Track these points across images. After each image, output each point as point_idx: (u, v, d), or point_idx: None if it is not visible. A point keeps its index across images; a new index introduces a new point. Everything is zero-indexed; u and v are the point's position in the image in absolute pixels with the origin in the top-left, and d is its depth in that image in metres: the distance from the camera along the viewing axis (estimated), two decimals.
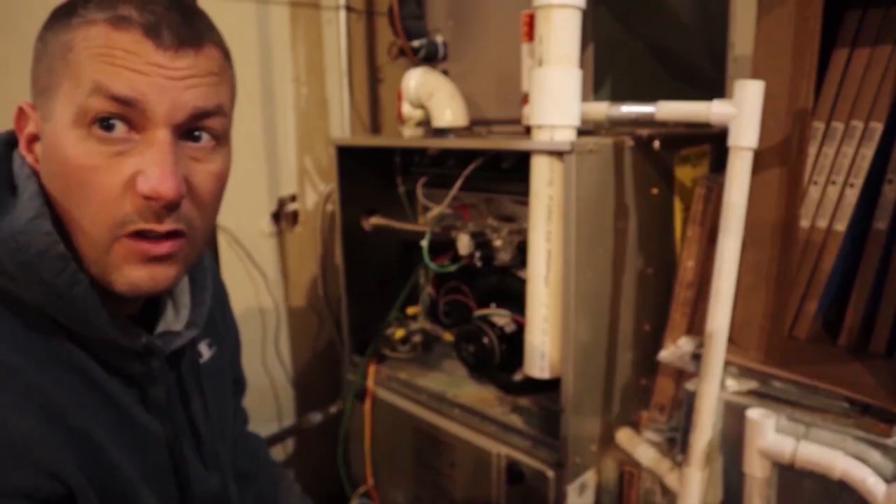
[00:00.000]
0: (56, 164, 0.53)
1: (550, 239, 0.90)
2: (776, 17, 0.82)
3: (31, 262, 0.51)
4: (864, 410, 0.78)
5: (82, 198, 0.52)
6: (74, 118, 0.52)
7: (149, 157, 0.52)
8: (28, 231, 0.51)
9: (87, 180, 0.52)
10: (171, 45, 0.52)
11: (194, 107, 0.54)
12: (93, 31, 0.51)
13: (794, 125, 0.82)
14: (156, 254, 0.54)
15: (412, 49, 1.20)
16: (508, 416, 1.06)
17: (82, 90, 0.51)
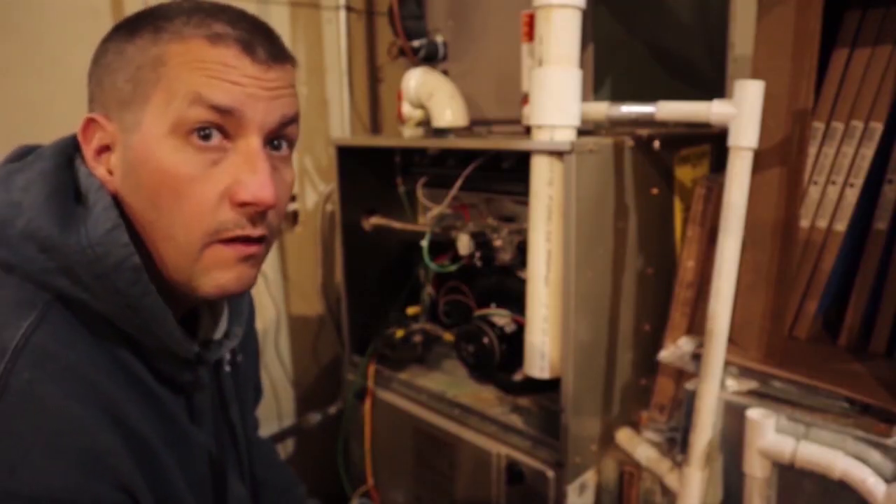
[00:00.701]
0: (146, 174, 0.54)
1: (550, 239, 0.90)
2: (776, 17, 0.82)
3: (106, 273, 0.52)
4: (864, 410, 0.78)
5: (175, 206, 0.54)
6: (171, 128, 0.54)
7: (246, 165, 0.55)
8: (105, 242, 0.52)
9: (182, 189, 0.54)
10: (265, 60, 0.56)
11: (282, 114, 0.58)
12: (189, 46, 0.54)
13: (794, 125, 0.82)
14: (246, 255, 0.57)
15: (412, 49, 1.20)
16: (508, 416, 1.06)
17: (180, 101, 0.53)
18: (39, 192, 0.53)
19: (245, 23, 0.57)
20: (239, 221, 0.56)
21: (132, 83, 0.55)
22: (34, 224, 0.52)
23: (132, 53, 0.55)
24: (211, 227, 0.55)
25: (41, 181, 0.54)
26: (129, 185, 0.56)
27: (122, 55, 0.56)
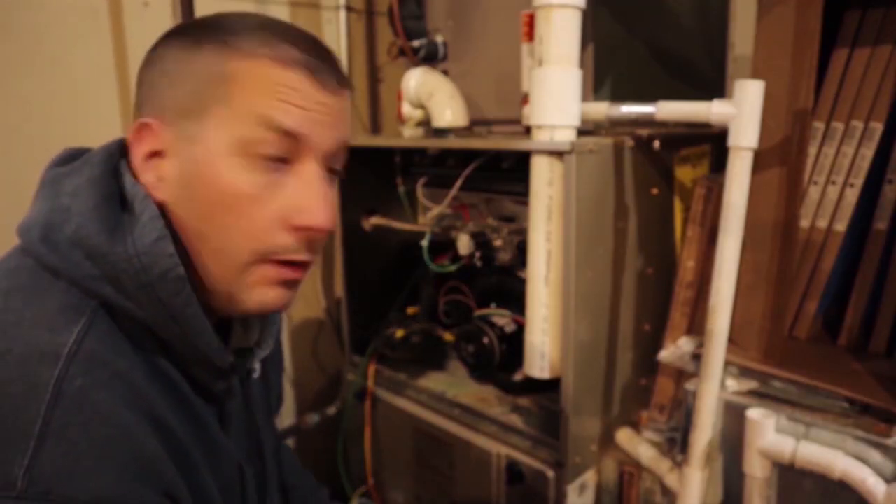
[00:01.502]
0: (204, 188, 0.55)
1: (550, 239, 0.90)
2: (776, 17, 0.82)
3: (151, 283, 0.53)
4: (864, 410, 0.78)
5: (230, 223, 0.55)
6: (234, 146, 0.54)
7: (307, 190, 0.56)
8: (151, 252, 0.53)
9: (240, 208, 0.54)
10: (331, 87, 0.57)
11: (341, 140, 0.59)
12: (258, 65, 0.54)
13: (794, 125, 0.82)
14: (291, 278, 0.58)
15: (412, 49, 1.20)
16: (508, 416, 1.06)
17: (247, 121, 0.54)
18: (88, 198, 0.53)
19: (312, 46, 0.57)
20: (294, 246, 0.57)
21: (197, 95, 0.55)
22: (83, 231, 0.52)
23: (198, 65, 0.55)
24: (263, 248, 0.56)
25: (90, 188, 0.54)
26: (183, 195, 0.56)
27: (187, 65, 0.55)
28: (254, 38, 0.55)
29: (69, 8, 1.18)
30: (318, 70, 0.56)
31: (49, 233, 0.53)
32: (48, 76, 1.17)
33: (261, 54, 0.55)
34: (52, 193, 0.55)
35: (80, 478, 0.45)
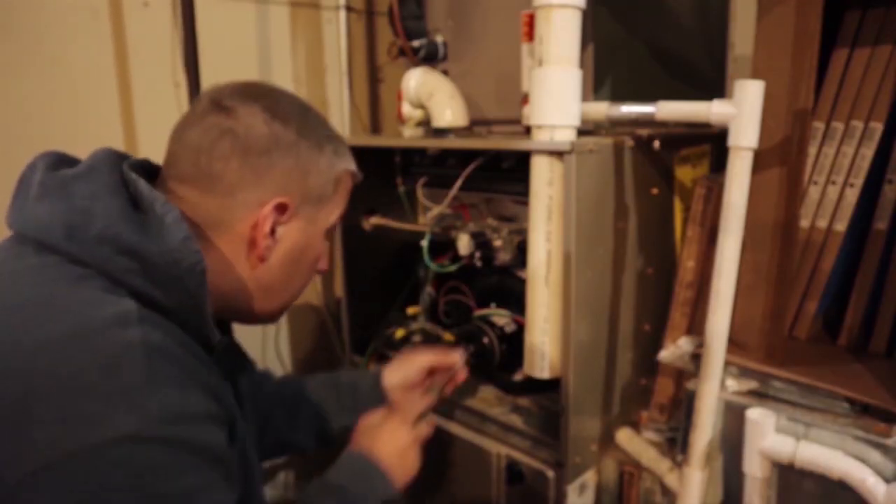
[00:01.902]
0: (307, 254, 0.74)
1: (550, 239, 0.90)
2: (776, 17, 0.82)
3: (181, 275, 0.61)
4: (864, 410, 0.78)
5: (307, 275, 0.76)
6: (328, 229, 0.75)
7: (325, 248, 0.78)
8: (181, 249, 0.61)
9: (314, 265, 0.76)
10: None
11: None
12: (348, 177, 0.77)
13: (794, 125, 0.82)
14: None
15: (412, 49, 1.20)
16: (508, 416, 1.06)
17: (338, 213, 0.76)
18: (112, 202, 0.61)
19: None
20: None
21: (322, 189, 0.72)
22: (113, 230, 0.59)
23: (325, 167, 0.72)
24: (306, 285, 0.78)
25: (110, 193, 0.62)
26: (290, 257, 0.72)
27: (317, 165, 0.71)
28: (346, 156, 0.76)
29: (69, 8, 1.18)
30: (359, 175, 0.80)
31: (74, 232, 0.59)
32: (48, 76, 1.17)
33: (349, 169, 0.76)
34: (64, 196, 0.61)
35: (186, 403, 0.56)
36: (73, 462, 0.50)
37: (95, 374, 0.53)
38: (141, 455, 0.52)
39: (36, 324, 0.55)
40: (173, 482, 0.54)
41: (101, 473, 0.51)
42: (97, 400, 0.52)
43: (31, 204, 0.62)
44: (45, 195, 0.62)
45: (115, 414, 0.51)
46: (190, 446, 0.55)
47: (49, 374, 0.52)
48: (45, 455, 0.50)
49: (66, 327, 0.54)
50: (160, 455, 0.53)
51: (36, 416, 0.51)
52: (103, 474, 0.51)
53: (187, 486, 0.55)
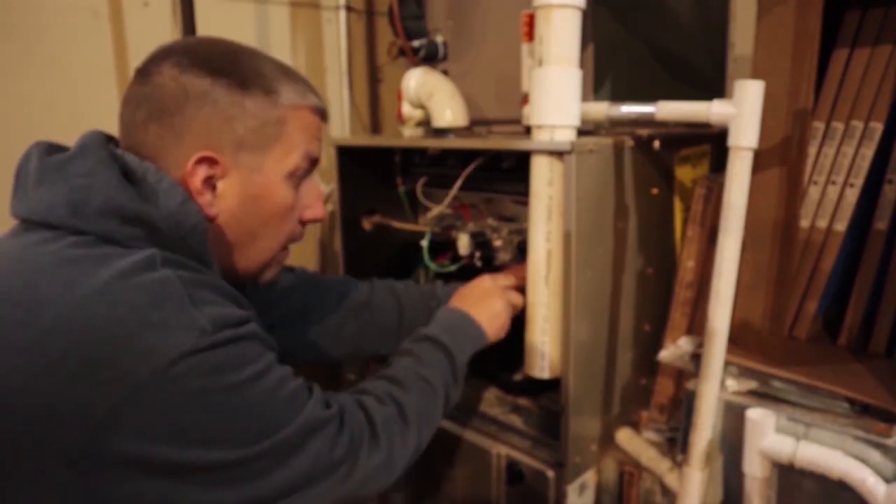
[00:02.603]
0: (265, 204, 0.72)
1: (550, 239, 0.90)
2: (776, 17, 0.82)
3: (184, 235, 0.65)
4: (864, 410, 0.78)
5: (277, 227, 0.74)
6: (288, 174, 0.72)
7: (312, 195, 0.78)
8: (183, 211, 0.65)
9: (286, 215, 0.74)
10: (325, 120, 0.78)
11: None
12: (302, 113, 0.73)
13: (794, 125, 0.82)
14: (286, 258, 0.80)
15: (412, 49, 1.20)
16: (508, 416, 1.06)
17: (296, 155, 0.73)
18: (109, 176, 0.63)
19: (316, 92, 0.76)
20: (301, 233, 0.79)
21: (255, 134, 0.69)
22: (114, 202, 0.62)
23: (252, 109, 0.69)
24: (291, 239, 0.77)
25: (105, 168, 0.64)
26: (240, 210, 0.70)
27: (241, 108, 0.68)
28: (293, 90, 0.72)
29: (69, 8, 1.18)
30: (324, 112, 0.77)
31: (77, 209, 0.62)
32: (48, 76, 1.17)
33: (302, 105, 0.73)
34: (62, 177, 0.64)
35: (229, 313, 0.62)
36: (149, 389, 0.55)
37: (144, 310, 0.57)
38: (205, 361, 0.58)
39: (67, 283, 0.57)
40: (239, 372, 0.60)
41: (177, 389, 0.56)
42: (153, 331, 0.56)
43: (31, 190, 0.64)
44: (43, 180, 0.64)
45: (171, 337, 0.56)
46: (242, 341, 0.62)
47: (99, 321, 0.56)
48: (122, 388, 0.54)
49: (99, 280, 0.57)
50: (220, 355, 0.59)
51: (101, 359, 0.55)
52: (179, 390, 0.56)
53: (253, 371, 0.61)
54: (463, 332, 0.90)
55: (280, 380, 0.65)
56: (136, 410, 0.55)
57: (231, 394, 0.59)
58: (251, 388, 0.61)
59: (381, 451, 0.73)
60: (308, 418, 0.65)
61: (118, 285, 0.57)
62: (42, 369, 0.55)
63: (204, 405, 0.58)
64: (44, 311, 0.56)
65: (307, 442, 0.65)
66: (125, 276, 0.58)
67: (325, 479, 0.67)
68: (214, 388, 0.58)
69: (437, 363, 0.85)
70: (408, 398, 0.79)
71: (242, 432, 0.60)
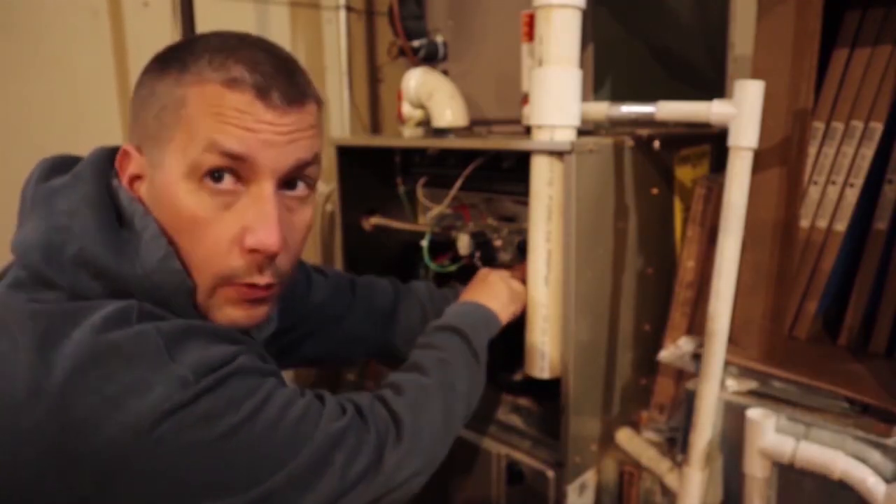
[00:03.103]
0: (167, 210, 0.58)
1: (550, 239, 0.90)
2: (776, 17, 0.82)
3: (164, 298, 0.57)
4: (864, 410, 0.78)
5: (191, 247, 0.58)
6: (187, 171, 0.57)
7: (255, 212, 0.58)
8: (160, 270, 0.57)
9: (197, 232, 0.58)
10: (280, 106, 0.57)
11: (297, 159, 0.60)
12: (207, 89, 0.56)
13: (794, 125, 0.82)
14: (253, 298, 0.62)
15: (412, 49, 1.20)
16: (508, 416, 1.06)
17: (196, 146, 0.56)
18: (89, 219, 0.56)
19: (265, 65, 0.58)
20: (248, 269, 0.59)
21: (158, 121, 0.58)
22: (88, 252, 0.55)
23: (160, 91, 0.58)
24: (222, 272, 0.59)
25: (88, 207, 0.57)
26: (157, 216, 0.59)
27: (153, 92, 0.58)
28: (207, 62, 0.56)
29: (69, 8, 1.18)
30: (265, 89, 0.57)
31: (51, 254, 0.55)
32: (48, 76, 1.17)
33: (209, 78, 0.56)
34: (46, 212, 0.57)
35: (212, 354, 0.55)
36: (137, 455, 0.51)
37: (118, 373, 0.52)
38: (191, 414, 0.52)
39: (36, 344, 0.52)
40: (234, 413, 0.54)
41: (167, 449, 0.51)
42: (130, 394, 0.51)
43: (24, 220, 0.60)
44: (32, 211, 0.59)
45: (150, 397, 0.51)
46: (232, 379, 0.55)
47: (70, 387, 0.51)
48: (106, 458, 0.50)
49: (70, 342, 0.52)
50: (208, 403, 0.53)
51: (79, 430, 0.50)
52: (170, 448, 0.51)
53: (250, 407, 0.55)
54: (473, 317, 0.89)
55: (283, 407, 0.59)
56: (127, 477, 0.51)
57: (229, 438, 0.54)
58: (251, 425, 0.56)
59: (406, 438, 0.68)
60: (325, 436, 0.61)
61: (89, 346, 0.52)
62: (18, 441, 0.50)
63: (202, 456, 0.53)
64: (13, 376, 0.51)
65: (330, 457, 0.61)
66: (97, 333, 0.52)
67: (359, 483, 0.63)
68: (209, 438, 0.53)
69: (453, 346, 0.83)
70: (427, 378, 0.76)
71: (252, 473, 0.56)
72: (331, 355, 1.01)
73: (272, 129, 0.57)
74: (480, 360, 0.86)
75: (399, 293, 1.05)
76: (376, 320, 1.02)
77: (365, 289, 1.03)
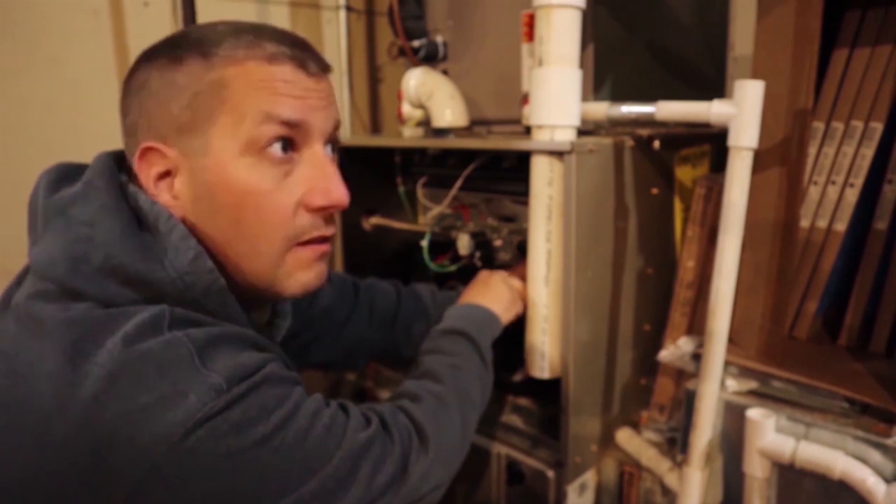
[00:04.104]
0: (225, 194, 0.58)
1: (550, 239, 0.90)
2: (776, 17, 0.82)
3: (196, 299, 0.58)
4: (864, 410, 0.78)
5: (257, 220, 0.59)
6: (244, 147, 0.58)
7: (319, 173, 0.61)
8: (193, 272, 0.57)
9: (263, 203, 0.59)
10: (315, 73, 0.61)
11: (335, 119, 0.64)
12: (248, 67, 0.58)
13: (794, 125, 0.82)
14: (322, 253, 0.64)
15: (412, 49, 1.20)
16: (508, 416, 1.06)
17: (250, 121, 0.57)
18: (112, 227, 0.56)
19: (289, 40, 0.61)
20: (316, 224, 0.62)
21: (191, 109, 0.57)
22: (115, 260, 0.55)
23: (184, 81, 0.58)
24: (291, 233, 0.61)
25: (108, 216, 0.57)
26: (203, 208, 0.59)
27: (173, 84, 0.58)
28: (234, 44, 0.58)
29: (69, 8, 1.18)
30: (302, 59, 0.60)
31: (76, 265, 0.55)
32: (48, 76, 1.17)
33: (246, 56, 0.58)
34: (64, 225, 0.57)
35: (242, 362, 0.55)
36: (169, 465, 0.50)
37: (150, 381, 0.51)
38: (224, 422, 0.52)
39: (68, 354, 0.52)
40: (265, 423, 0.54)
41: (200, 458, 0.51)
42: (162, 403, 0.51)
43: (39, 235, 0.59)
44: (47, 224, 0.58)
45: (183, 405, 0.51)
46: (263, 388, 0.55)
47: (102, 398, 0.50)
48: (139, 470, 0.50)
49: (102, 351, 0.52)
50: (240, 411, 0.53)
51: (110, 442, 0.50)
52: (202, 458, 0.51)
53: (280, 417, 0.55)
54: (478, 320, 0.90)
55: (312, 415, 0.59)
56: (158, 489, 0.50)
57: (261, 447, 0.54)
58: (282, 434, 0.55)
59: (430, 447, 0.69)
60: (352, 445, 0.61)
61: (121, 356, 0.52)
62: (47, 452, 0.50)
63: (234, 466, 0.53)
64: (43, 386, 0.51)
65: (357, 467, 0.61)
66: (129, 343, 0.52)
67: (386, 493, 0.63)
68: (242, 447, 0.53)
69: (463, 350, 0.84)
70: (442, 386, 0.77)
71: (282, 481, 0.56)
72: (337, 360, 1.01)
73: (315, 94, 0.61)
74: (488, 363, 0.87)
75: (401, 296, 1.06)
76: (380, 323, 1.02)
77: (368, 292, 1.04)
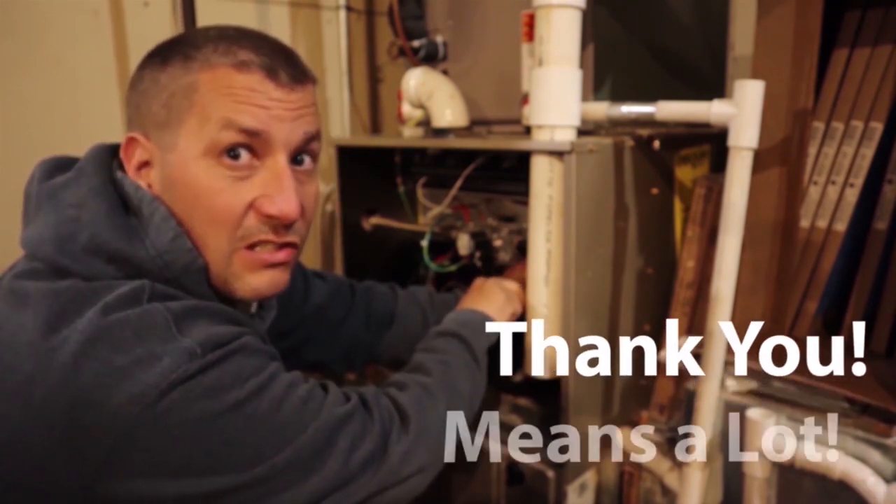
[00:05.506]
0: (183, 189, 0.61)
1: (550, 239, 0.90)
2: (776, 17, 0.82)
3: (175, 277, 0.60)
4: (864, 410, 0.78)
5: (209, 217, 0.61)
6: (204, 150, 0.60)
7: (273, 183, 0.62)
8: (172, 250, 0.60)
9: (214, 202, 0.61)
10: (286, 84, 0.62)
11: (305, 132, 0.64)
12: (217, 74, 0.60)
13: (794, 125, 0.82)
14: (273, 261, 0.64)
15: (412, 49, 1.20)
16: (508, 416, 1.06)
17: (212, 126, 0.60)
18: (98, 208, 0.59)
19: (267, 48, 0.63)
20: (263, 229, 0.63)
21: (167, 108, 0.61)
22: (100, 238, 0.58)
23: (165, 81, 0.61)
24: (237, 234, 0.62)
25: (95, 198, 0.60)
26: (169, 198, 0.62)
27: (157, 83, 0.62)
28: (212, 49, 0.61)
29: (69, 8, 1.18)
30: (272, 69, 0.61)
31: (63, 244, 0.58)
32: (48, 76, 1.17)
33: (218, 62, 0.60)
34: (53, 207, 0.60)
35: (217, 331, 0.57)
36: (144, 427, 0.52)
37: (126, 346, 0.53)
38: (198, 386, 0.54)
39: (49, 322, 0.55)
40: (239, 388, 0.56)
41: (173, 421, 0.53)
42: (138, 366, 0.53)
43: (31, 219, 0.62)
44: (39, 208, 0.61)
45: (158, 367, 0.53)
46: (237, 355, 0.57)
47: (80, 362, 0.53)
48: (114, 431, 0.52)
49: (82, 319, 0.54)
50: (214, 376, 0.55)
51: (87, 404, 0.52)
52: (175, 421, 0.53)
53: (255, 385, 0.57)
54: (472, 323, 0.91)
55: (287, 386, 0.60)
56: (134, 451, 0.52)
57: (234, 413, 0.56)
58: (256, 401, 0.57)
59: (412, 429, 0.70)
60: (329, 417, 0.62)
61: (100, 322, 0.54)
62: (28, 417, 0.52)
63: (207, 431, 0.54)
64: (24, 354, 0.54)
65: (334, 440, 0.62)
66: (108, 312, 0.54)
67: (365, 470, 0.64)
68: (215, 411, 0.55)
69: (454, 350, 0.85)
70: (429, 378, 0.78)
71: (256, 449, 0.57)
72: (331, 360, 1.01)
73: (282, 105, 0.62)
74: (481, 364, 0.88)
75: (398, 298, 1.06)
76: (376, 325, 1.02)
77: (364, 293, 1.04)
